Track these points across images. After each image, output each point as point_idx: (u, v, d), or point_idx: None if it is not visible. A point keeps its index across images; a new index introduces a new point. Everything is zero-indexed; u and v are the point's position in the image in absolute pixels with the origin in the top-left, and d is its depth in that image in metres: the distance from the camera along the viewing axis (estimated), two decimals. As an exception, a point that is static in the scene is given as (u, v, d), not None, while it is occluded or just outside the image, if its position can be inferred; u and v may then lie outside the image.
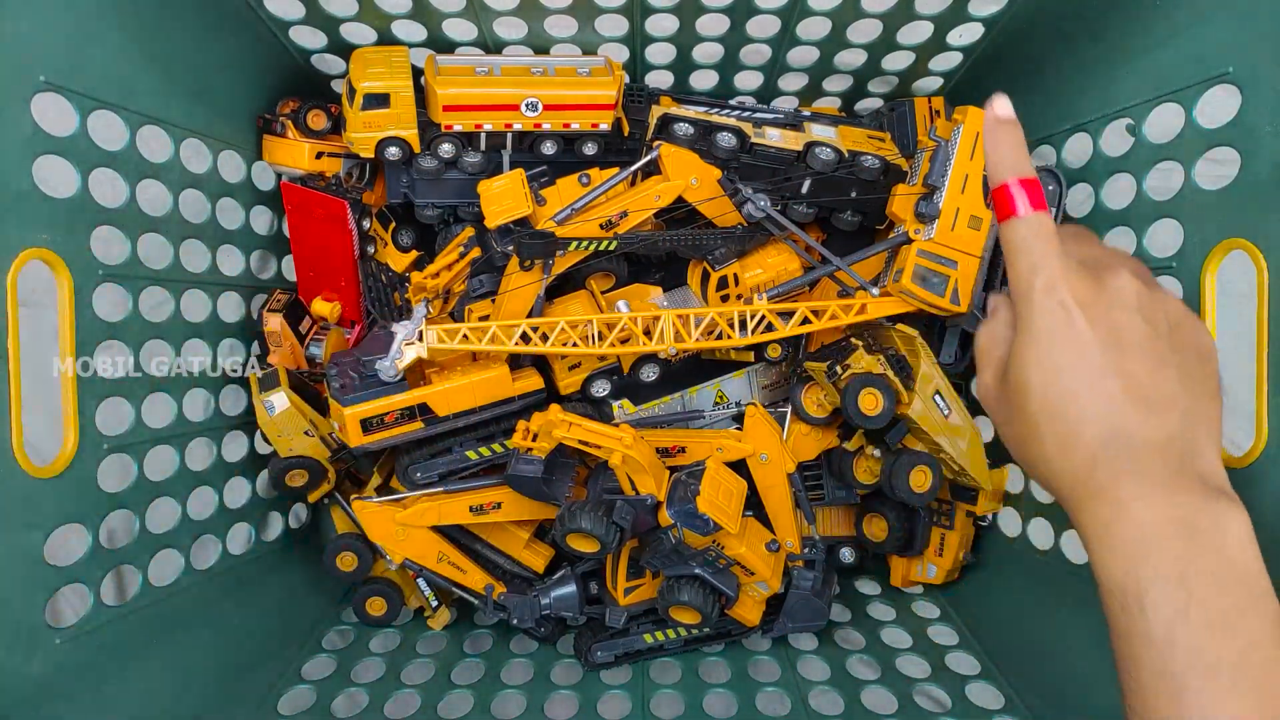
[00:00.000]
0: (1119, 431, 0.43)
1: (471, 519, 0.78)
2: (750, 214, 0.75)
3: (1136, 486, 0.42)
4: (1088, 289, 0.45)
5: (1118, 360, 0.44)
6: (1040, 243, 0.47)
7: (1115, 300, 0.45)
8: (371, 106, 0.75)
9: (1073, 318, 0.45)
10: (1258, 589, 0.40)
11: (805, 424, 0.80)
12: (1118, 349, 0.44)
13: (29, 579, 0.55)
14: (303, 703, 0.68)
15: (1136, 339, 0.45)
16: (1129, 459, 0.43)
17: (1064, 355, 0.45)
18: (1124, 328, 0.45)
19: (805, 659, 0.76)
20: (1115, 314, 0.45)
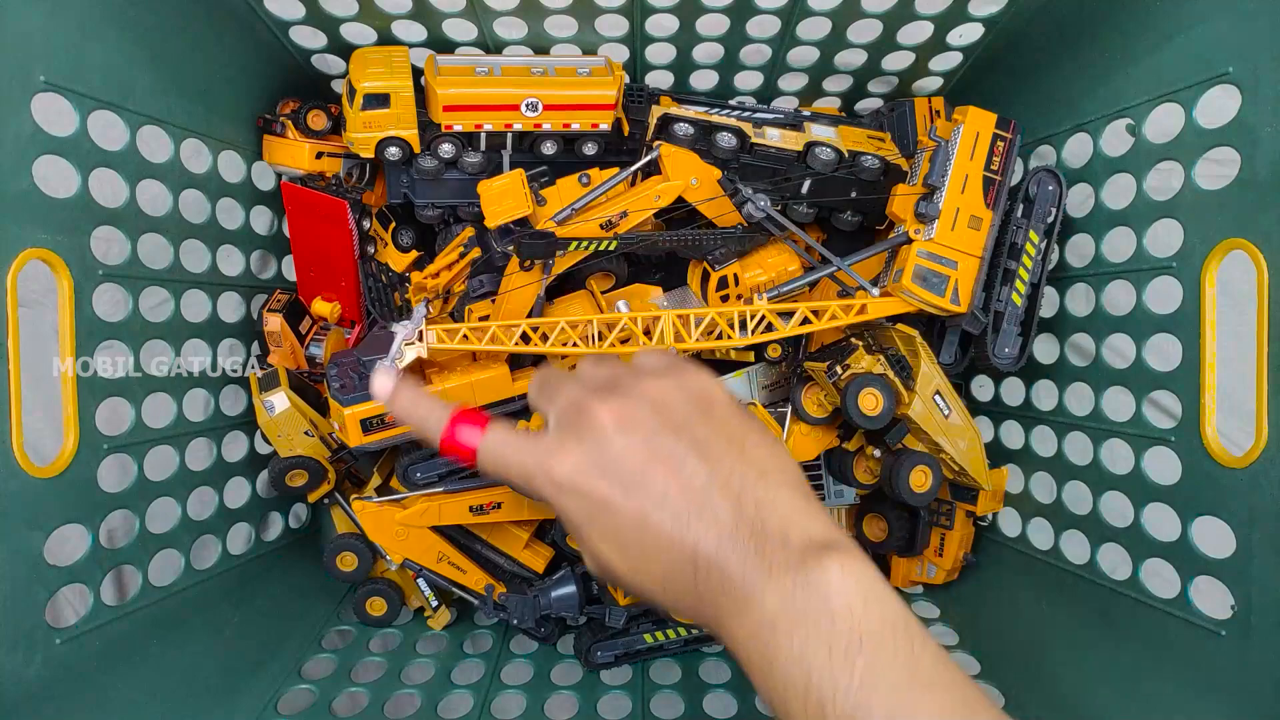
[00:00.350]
0: (693, 557, 0.38)
1: (471, 519, 0.78)
2: (750, 214, 0.75)
3: (734, 605, 0.37)
4: (576, 450, 0.41)
5: (639, 496, 0.40)
6: (509, 451, 0.44)
7: (602, 440, 0.41)
8: (371, 106, 0.75)
9: (584, 495, 0.41)
10: (879, 634, 0.35)
11: (805, 424, 0.80)
12: (633, 487, 0.40)
13: (29, 579, 0.55)
14: (303, 703, 0.68)
15: (639, 459, 0.40)
16: (718, 577, 0.38)
17: (604, 527, 0.41)
18: (621, 459, 0.40)
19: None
20: (607, 454, 0.41)
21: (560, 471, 0.41)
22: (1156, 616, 0.62)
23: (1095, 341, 0.72)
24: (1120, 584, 0.67)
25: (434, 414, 0.46)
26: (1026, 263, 0.75)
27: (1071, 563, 0.73)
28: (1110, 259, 0.71)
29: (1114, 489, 0.69)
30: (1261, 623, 0.54)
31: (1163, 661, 0.60)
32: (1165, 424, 0.64)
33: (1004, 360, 0.76)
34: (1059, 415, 0.76)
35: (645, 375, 0.44)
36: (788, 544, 0.37)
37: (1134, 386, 0.67)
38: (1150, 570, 0.64)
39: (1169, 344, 0.63)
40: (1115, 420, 0.69)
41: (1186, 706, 0.57)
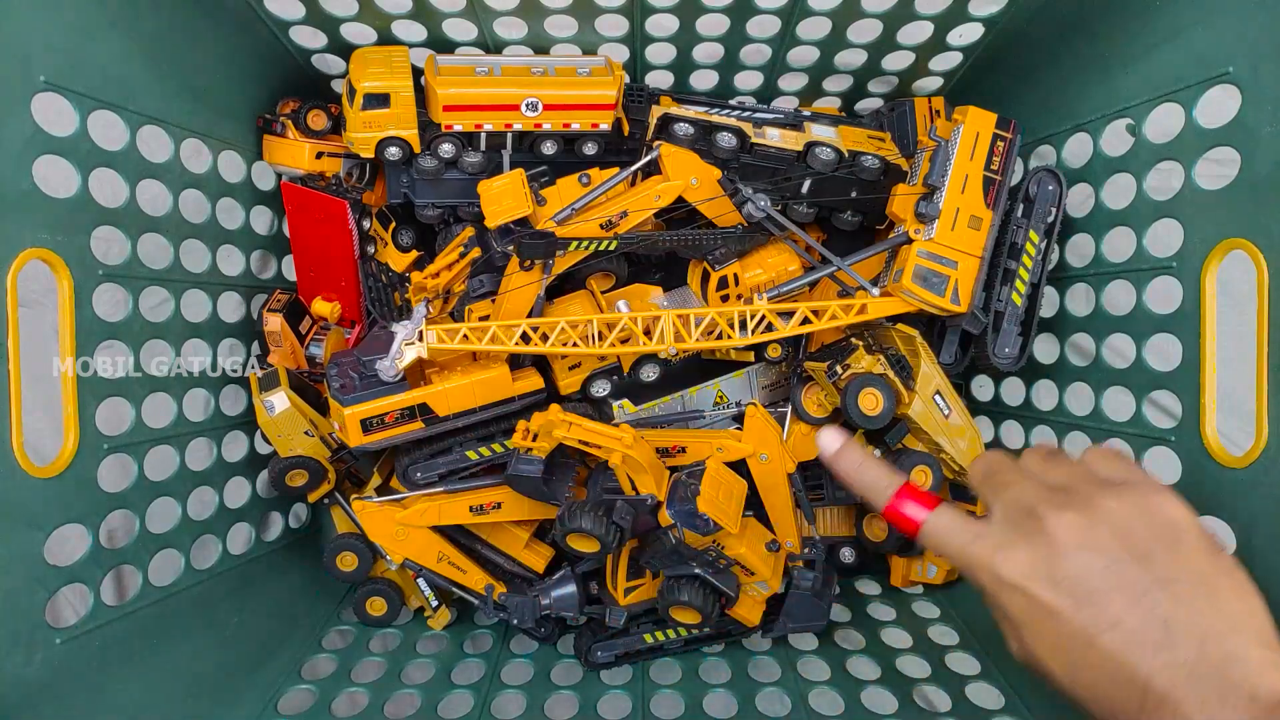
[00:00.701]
0: (1147, 688, 0.37)
1: (471, 519, 0.78)
2: (750, 214, 0.75)
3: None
4: (1027, 555, 0.41)
5: (1091, 616, 0.39)
6: (955, 537, 0.44)
7: (1058, 552, 0.40)
8: (371, 106, 0.75)
9: (1030, 598, 0.40)
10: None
11: (805, 424, 0.80)
12: (1087, 606, 0.39)
13: (29, 579, 0.55)
14: (303, 703, 0.68)
15: (1100, 583, 0.39)
16: (1167, 712, 0.37)
17: (1050, 637, 0.40)
18: (1082, 577, 0.40)
19: (805, 659, 0.76)
20: (1063, 569, 0.40)
21: (1008, 571, 0.41)
22: (1156, 616, 0.62)
23: (1095, 341, 0.72)
24: (1120, 584, 0.66)
25: (883, 480, 0.48)
26: (1026, 263, 0.75)
27: (1071, 563, 0.72)
28: (1110, 259, 0.71)
29: (1114, 489, 0.69)
30: (1261, 623, 0.53)
31: (1163, 661, 0.60)
32: (1165, 424, 0.64)
33: (1004, 360, 0.76)
34: (1059, 415, 0.76)
35: (1106, 490, 0.43)
36: (1255, 700, 0.36)
37: (1134, 386, 0.67)
38: (1150, 570, 0.64)
39: (1169, 344, 0.63)
40: (1115, 420, 0.69)
41: (1186, 706, 0.57)
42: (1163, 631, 0.38)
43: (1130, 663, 0.38)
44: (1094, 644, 0.39)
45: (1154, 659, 0.38)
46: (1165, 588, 0.39)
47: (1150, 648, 0.38)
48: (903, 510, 0.47)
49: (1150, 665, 0.38)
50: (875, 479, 0.49)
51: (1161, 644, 0.38)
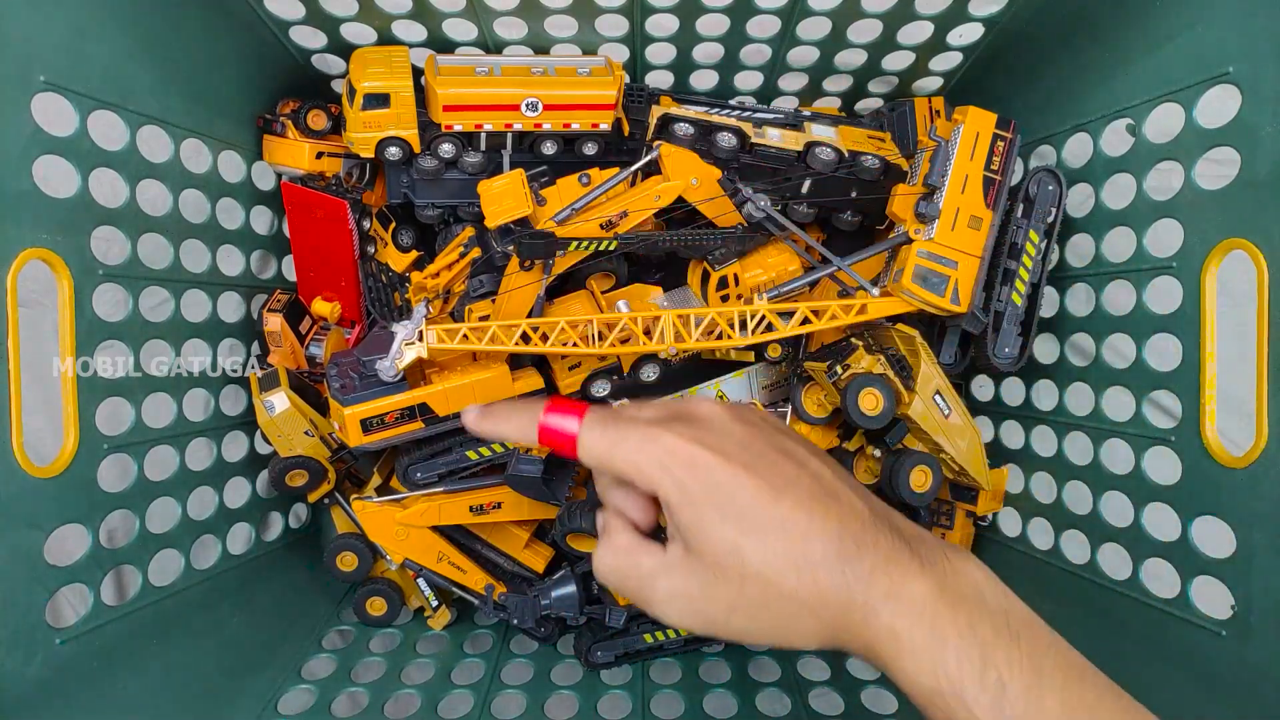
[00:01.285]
0: (839, 530, 0.39)
1: (471, 519, 0.78)
2: (750, 214, 0.75)
3: (893, 577, 0.38)
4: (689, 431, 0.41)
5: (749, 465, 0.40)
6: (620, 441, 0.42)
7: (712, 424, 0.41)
8: (371, 106, 0.75)
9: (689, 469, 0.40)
10: (1027, 622, 0.38)
11: (805, 424, 0.80)
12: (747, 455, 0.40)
13: (29, 579, 0.55)
14: (303, 703, 0.68)
15: (756, 446, 0.41)
16: (869, 553, 0.38)
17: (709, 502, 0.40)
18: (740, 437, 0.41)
19: (805, 659, 0.76)
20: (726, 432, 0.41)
21: (674, 442, 0.40)
22: (1156, 616, 0.62)
23: (1095, 341, 0.72)
24: (1120, 584, 0.67)
25: (526, 413, 0.45)
26: (1026, 263, 0.75)
27: (1071, 563, 0.73)
28: (1110, 259, 0.71)
29: (1114, 489, 0.69)
30: (1261, 623, 0.54)
31: (1163, 661, 0.60)
32: (1165, 424, 0.64)
33: (1004, 360, 0.76)
34: (1059, 415, 0.76)
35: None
36: (924, 541, 0.39)
37: (1134, 386, 0.67)
38: (1150, 570, 0.64)
39: (1169, 344, 0.63)
40: (1115, 420, 0.69)
41: (1186, 706, 0.57)
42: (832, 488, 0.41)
43: (809, 510, 0.39)
44: (779, 499, 0.39)
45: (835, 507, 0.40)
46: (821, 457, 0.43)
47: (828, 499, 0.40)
48: (555, 426, 0.43)
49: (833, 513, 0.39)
50: (519, 416, 0.45)
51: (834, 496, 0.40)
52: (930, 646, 0.37)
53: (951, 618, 0.37)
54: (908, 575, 0.38)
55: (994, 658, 0.36)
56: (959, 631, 0.36)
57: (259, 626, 0.76)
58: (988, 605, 0.37)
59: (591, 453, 0.42)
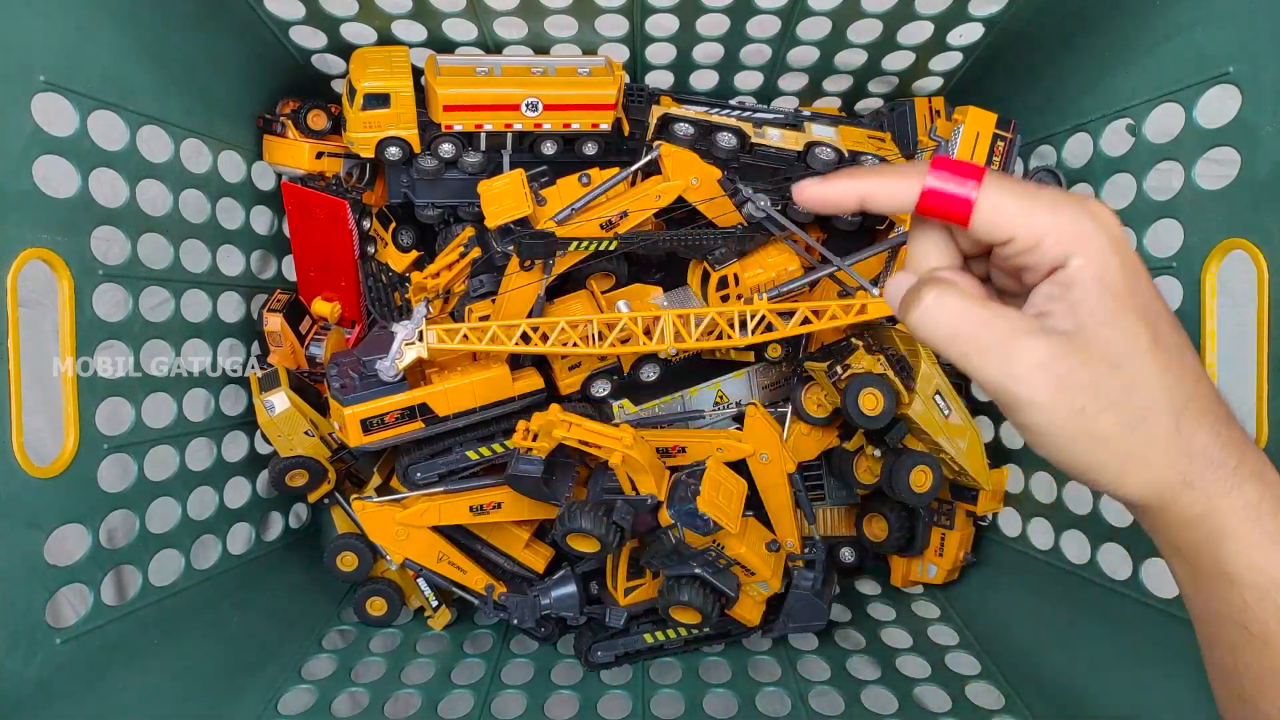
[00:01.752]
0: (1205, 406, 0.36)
1: (471, 519, 0.78)
2: (750, 214, 0.75)
3: (1251, 463, 0.35)
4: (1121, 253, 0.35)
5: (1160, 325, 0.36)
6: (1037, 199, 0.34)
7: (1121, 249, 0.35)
8: (371, 106, 0.75)
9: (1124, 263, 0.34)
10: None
11: (805, 424, 0.80)
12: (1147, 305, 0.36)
13: (29, 579, 0.55)
14: (303, 703, 0.68)
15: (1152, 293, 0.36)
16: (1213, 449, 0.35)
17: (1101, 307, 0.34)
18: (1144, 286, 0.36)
19: (805, 659, 0.76)
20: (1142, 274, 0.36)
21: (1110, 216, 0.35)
22: (1156, 616, 0.62)
23: (1095, 341, 0.72)
24: (1120, 584, 0.67)
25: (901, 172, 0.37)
26: (1027, 262, 0.74)
27: (1071, 563, 0.73)
28: (1110, 259, 0.71)
29: (1114, 489, 0.69)
30: (1261, 623, 0.53)
31: (1162, 661, 0.60)
32: (1165, 424, 0.64)
33: (1004, 360, 0.76)
34: (1059, 415, 0.76)
35: None
36: (1245, 451, 0.36)
37: (1134, 386, 0.67)
38: (1150, 570, 0.64)
39: (1169, 344, 0.63)
40: (1115, 420, 0.69)
41: (1186, 706, 0.57)
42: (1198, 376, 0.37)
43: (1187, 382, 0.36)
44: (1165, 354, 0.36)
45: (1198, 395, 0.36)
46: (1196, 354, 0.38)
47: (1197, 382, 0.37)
48: (939, 190, 0.35)
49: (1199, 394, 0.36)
50: (892, 178, 0.37)
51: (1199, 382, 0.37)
52: (1251, 551, 0.35)
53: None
54: (1266, 467, 0.36)
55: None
56: None
57: (259, 626, 0.76)
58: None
59: (1000, 210, 0.34)
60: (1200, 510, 0.36)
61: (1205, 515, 0.36)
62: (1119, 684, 0.62)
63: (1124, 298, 0.35)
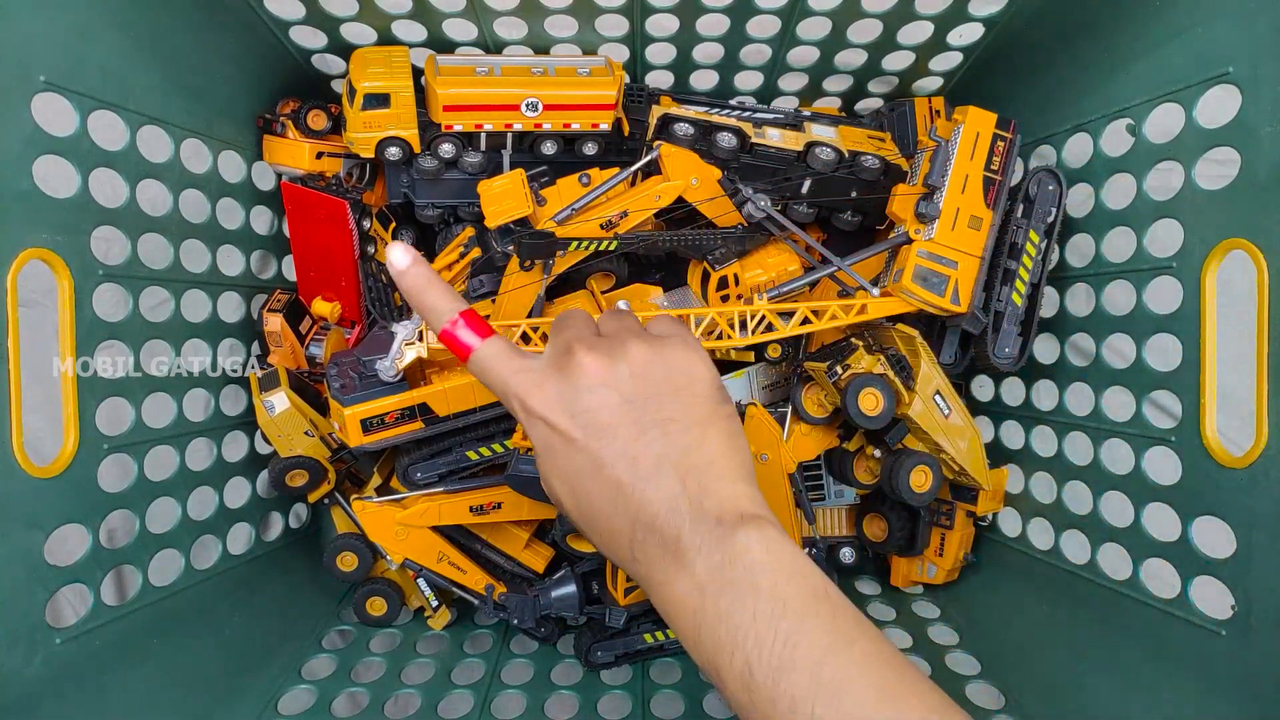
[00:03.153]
0: (635, 518, 0.42)
1: (471, 519, 0.78)
2: (750, 214, 0.75)
3: (671, 568, 0.41)
4: (551, 388, 0.45)
5: (601, 447, 0.43)
6: (499, 367, 0.47)
7: (579, 385, 0.44)
8: (372, 106, 0.75)
9: (552, 423, 0.44)
10: (801, 601, 0.39)
11: (805, 424, 0.80)
12: (597, 436, 0.43)
13: (29, 579, 0.55)
14: (303, 703, 0.68)
15: (609, 415, 0.44)
16: (655, 542, 0.42)
17: (564, 462, 0.44)
18: (594, 409, 0.44)
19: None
20: (583, 400, 0.44)
21: (533, 402, 0.45)
22: (1156, 616, 0.62)
23: (1095, 341, 0.72)
24: (1120, 584, 0.67)
25: (443, 303, 0.49)
26: (1026, 263, 0.75)
27: (1071, 563, 0.73)
28: (1110, 259, 0.71)
29: (1114, 489, 0.69)
30: (1261, 623, 0.54)
31: (1163, 661, 0.60)
32: (1165, 424, 0.64)
33: (1004, 360, 0.76)
34: (1059, 415, 0.76)
35: (639, 337, 0.47)
36: (721, 523, 0.41)
37: (1134, 386, 0.67)
38: (1150, 570, 0.64)
39: (1169, 344, 0.63)
40: (1115, 420, 0.69)
41: (1186, 706, 0.57)
42: (655, 466, 0.43)
43: (625, 494, 0.43)
44: (598, 474, 0.43)
45: (644, 489, 0.42)
46: (664, 426, 0.44)
47: (642, 480, 0.42)
48: (456, 334, 0.48)
49: (640, 495, 0.42)
50: (436, 302, 0.49)
51: (652, 476, 0.42)
52: (693, 632, 0.41)
53: (714, 608, 0.39)
54: (681, 565, 0.41)
55: (746, 643, 0.38)
56: (719, 619, 0.39)
57: (259, 626, 0.76)
58: (757, 587, 0.39)
59: (479, 370, 0.48)
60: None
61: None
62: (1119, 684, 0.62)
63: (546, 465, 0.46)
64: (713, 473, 0.43)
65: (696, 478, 0.43)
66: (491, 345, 0.48)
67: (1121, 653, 0.64)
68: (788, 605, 0.39)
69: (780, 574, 0.40)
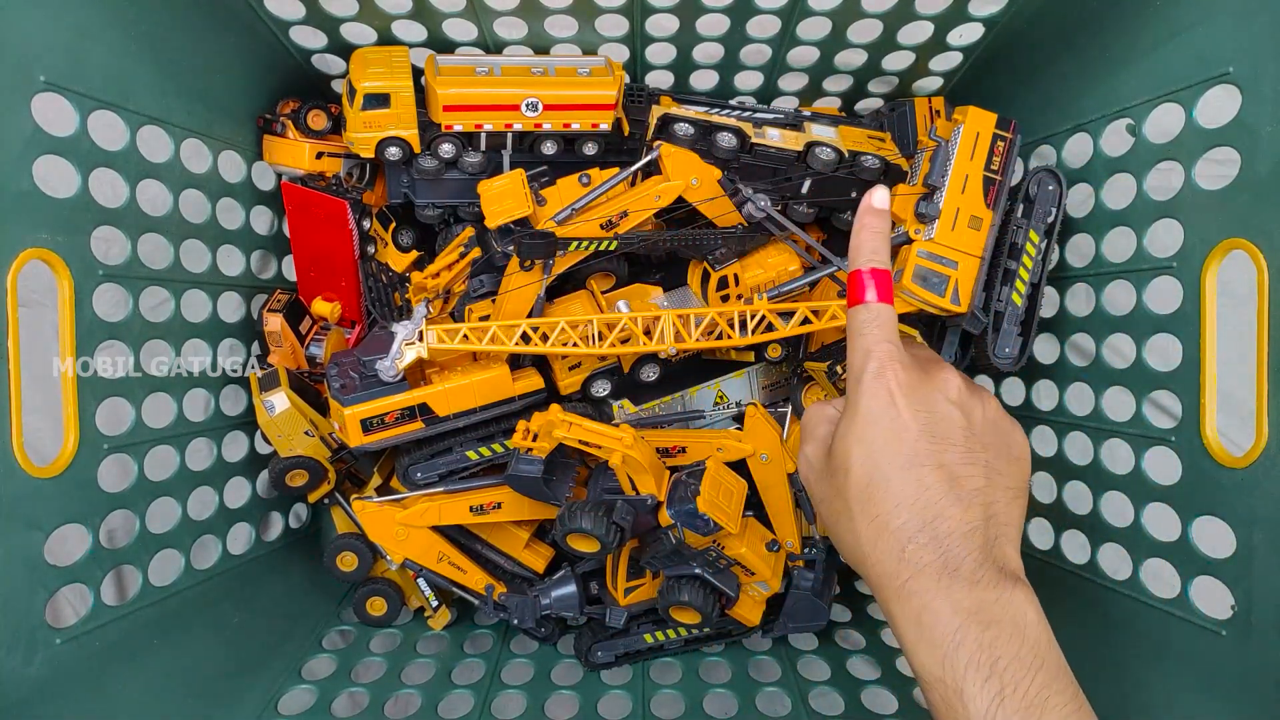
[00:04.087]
0: (928, 521, 0.45)
1: (472, 519, 0.78)
2: (750, 214, 0.75)
3: (941, 581, 0.44)
4: (913, 378, 0.48)
5: (933, 449, 0.46)
6: (878, 330, 0.49)
7: (938, 391, 0.48)
8: (372, 106, 0.75)
9: (896, 402, 0.47)
10: (1056, 666, 0.43)
11: (805, 424, 0.80)
12: (934, 438, 0.46)
13: (29, 579, 0.55)
14: (303, 703, 0.68)
15: (953, 431, 0.47)
16: (935, 550, 0.44)
17: (883, 437, 0.47)
18: (942, 419, 0.47)
19: (805, 659, 0.76)
20: (936, 404, 0.47)
21: (890, 374, 0.48)
22: (1156, 616, 0.62)
23: (1095, 341, 0.72)
24: (1120, 584, 0.67)
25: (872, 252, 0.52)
26: (1027, 263, 0.75)
27: (1071, 563, 0.73)
28: (1110, 259, 0.71)
29: (1114, 489, 0.69)
30: (1261, 623, 0.54)
31: (1163, 661, 0.60)
32: (1165, 424, 0.64)
33: (1004, 360, 0.76)
34: (1059, 415, 0.76)
35: (994, 400, 0.52)
36: (1002, 572, 0.44)
37: (1134, 386, 0.67)
38: (1150, 570, 0.64)
39: (1169, 344, 0.63)
40: (1115, 420, 0.69)
41: (1186, 706, 0.57)
42: (969, 494, 0.46)
43: (929, 499, 0.45)
44: (913, 468, 0.46)
45: (951, 507, 0.45)
46: (989, 472, 0.47)
47: (953, 498, 0.45)
48: (863, 279, 0.51)
49: (946, 510, 0.45)
50: (868, 244, 0.52)
51: (962, 500, 0.45)
52: (945, 646, 0.42)
53: (978, 633, 0.42)
54: (957, 581, 0.43)
55: (1004, 674, 0.41)
56: (980, 644, 0.42)
57: (259, 626, 0.76)
58: (1024, 635, 0.42)
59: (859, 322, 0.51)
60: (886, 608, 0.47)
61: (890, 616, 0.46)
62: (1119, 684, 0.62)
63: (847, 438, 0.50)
64: (1008, 533, 0.47)
65: (997, 527, 0.46)
66: (885, 310, 0.50)
67: (1121, 653, 0.64)
68: (1046, 664, 0.42)
69: (1044, 637, 0.43)
